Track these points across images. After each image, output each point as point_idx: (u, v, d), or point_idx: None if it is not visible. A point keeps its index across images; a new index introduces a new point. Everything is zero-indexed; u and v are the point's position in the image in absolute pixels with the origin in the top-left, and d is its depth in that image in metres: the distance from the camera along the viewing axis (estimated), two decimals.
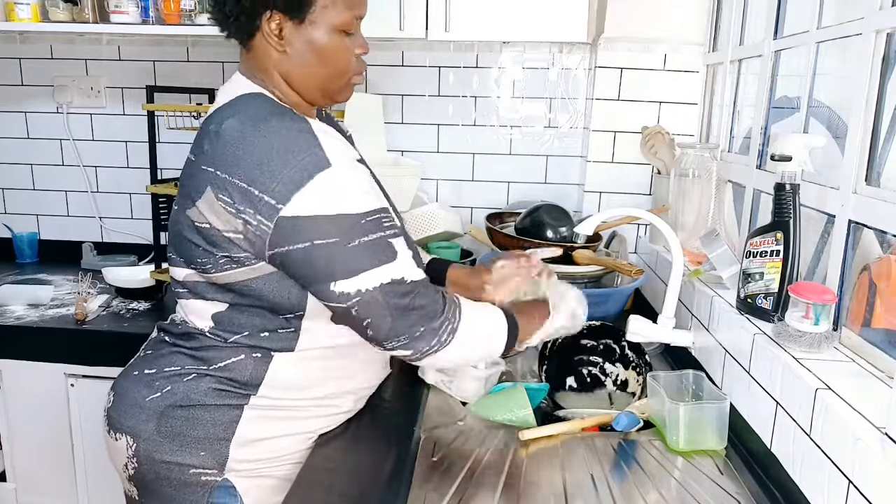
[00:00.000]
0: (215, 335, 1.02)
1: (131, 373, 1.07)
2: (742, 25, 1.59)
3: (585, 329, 1.36)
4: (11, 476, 1.84)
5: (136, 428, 1.01)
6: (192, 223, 0.96)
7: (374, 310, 0.94)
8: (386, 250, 0.95)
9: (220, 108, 0.99)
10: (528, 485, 0.99)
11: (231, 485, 1.01)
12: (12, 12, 1.85)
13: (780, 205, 1.08)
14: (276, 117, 0.94)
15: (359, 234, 0.92)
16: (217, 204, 0.92)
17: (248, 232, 0.92)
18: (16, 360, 1.76)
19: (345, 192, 0.92)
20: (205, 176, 0.94)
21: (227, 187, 0.91)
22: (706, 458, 1.07)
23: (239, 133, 0.93)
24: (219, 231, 0.93)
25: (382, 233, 0.95)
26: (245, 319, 1.01)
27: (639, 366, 1.29)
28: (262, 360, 1.01)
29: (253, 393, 1.01)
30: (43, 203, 2.32)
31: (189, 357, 1.03)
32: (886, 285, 0.95)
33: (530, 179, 2.14)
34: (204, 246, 0.96)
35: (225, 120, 0.95)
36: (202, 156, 0.96)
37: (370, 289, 0.93)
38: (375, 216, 0.95)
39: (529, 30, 1.77)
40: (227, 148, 0.92)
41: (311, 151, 0.91)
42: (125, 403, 1.03)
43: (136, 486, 1.03)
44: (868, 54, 1.00)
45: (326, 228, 0.90)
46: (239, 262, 0.95)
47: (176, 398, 1.00)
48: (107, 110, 2.23)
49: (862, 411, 0.80)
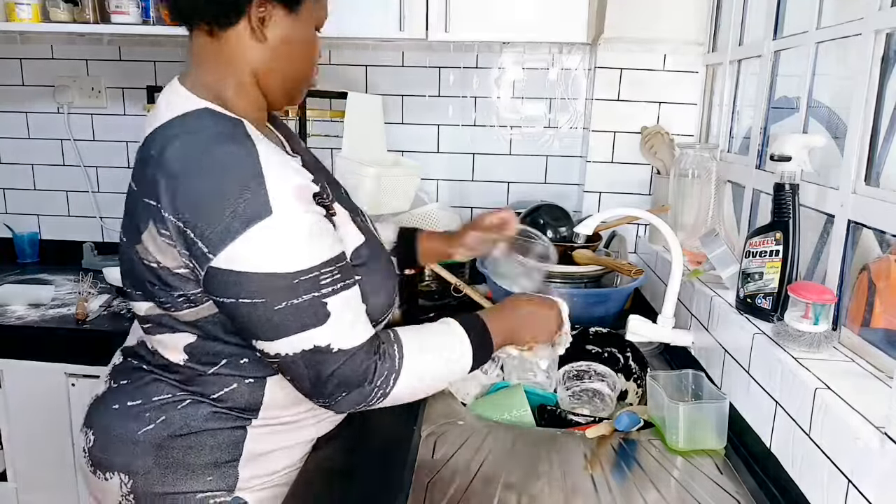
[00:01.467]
0: (193, 367, 0.95)
1: (109, 407, 0.98)
2: (742, 25, 1.59)
3: (592, 335, 1.36)
4: (11, 476, 1.84)
5: (130, 464, 0.94)
6: (141, 260, 0.89)
7: (294, 373, 0.88)
8: (316, 313, 0.85)
9: (162, 127, 0.88)
10: (527, 485, 0.99)
11: (243, 501, 0.97)
12: (13, 12, 1.85)
13: (780, 205, 1.09)
14: (221, 145, 0.84)
15: (289, 296, 0.83)
16: (160, 239, 0.85)
17: (190, 270, 0.86)
18: (16, 360, 1.76)
19: (281, 246, 0.83)
20: (147, 209, 0.86)
21: (166, 223, 0.84)
22: (706, 458, 1.07)
23: (179, 164, 0.83)
24: (168, 269, 0.87)
25: (316, 293, 0.85)
26: (220, 348, 0.94)
27: (640, 378, 1.28)
28: (256, 384, 0.96)
29: (254, 416, 0.97)
30: (44, 203, 2.33)
31: (176, 386, 0.96)
32: (886, 285, 0.95)
33: (530, 179, 2.14)
34: (158, 284, 0.89)
35: (168, 144, 0.85)
36: (143, 185, 0.87)
37: (290, 354, 0.86)
38: (313, 274, 0.85)
39: (529, 30, 1.77)
40: (167, 180, 0.84)
41: (253, 193, 0.81)
42: (112, 441, 0.96)
43: None
44: (868, 54, 1.00)
45: (254, 288, 0.82)
46: (195, 300, 0.89)
47: (173, 428, 0.94)
48: (107, 110, 2.24)
49: (861, 411, 0.80)
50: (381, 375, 0.91)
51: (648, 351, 1.45)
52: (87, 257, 2.24)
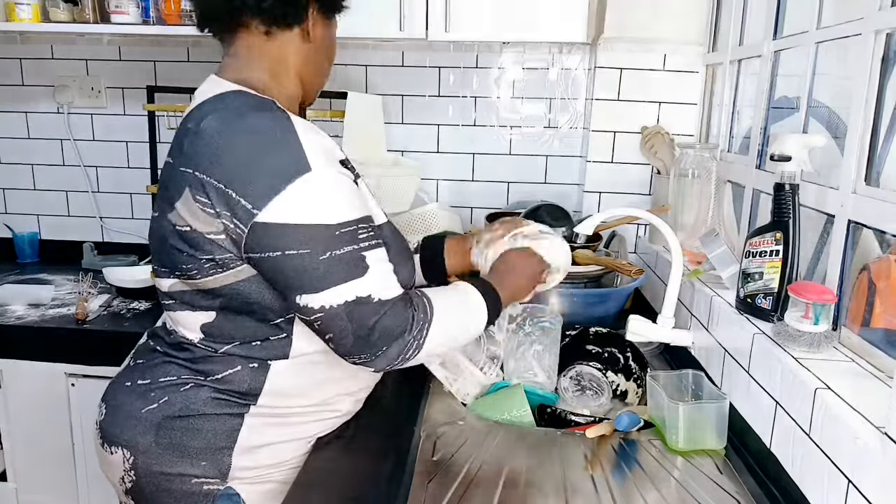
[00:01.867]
0: (206, 346, 1.00)
1: (123, 384, 1.04)
2: (742, 25, 1.59)
3: (592, 334, 1.36)
4: (11, 476, 1.84)
5: (133, 440, 0.99)
6: (173, 227, 0.94)
7: (337, 327, 0.91)
8: (357, 265, 0.91)
9: (198, 106, 0.97)
10: (528, 485, 0.99)
11: (234, 492, 1.00)
12: (13, 12, 1.85)
13: (780, 205, 1.09)
14: (257, 112, 0.92)
15: (331, 247, 0.89)
16: (195, 205, 0.90)
17: (227, 233, 0.90)
18: (16, 360, 1.76)
19: (322, 199, 0.90)
20: (183, 177, 0.92)
21: (204, 187, 0.89)
22: (706, 458, 1.07)
23: (217, 131, 0.90)
24: (200, 233, 0.91)
25: (356, 245, 0.91)
26: (235, 328, 0.98)
27: (640, 378, 1.28)
28: (259, 369, 1.00)
29: (253, 403, 1.00)
30: (43, 203, 2.33)
31: (184, 367, 1.01)
32: (886, 285, 0.95)
33: (530, 179, 2.14)
34: (187, 251, 0.93)
35: (204, 118, 0.93)
36: (180, 157, 0.94)
37: (334, 306, 0.90)
38: (351, 227, 0.91)
39: (529, 30, 1.77)
40: (205, 147, 0.90)
41: (291, 152, 0.89)
42: (119, 416, 1.01)
43: (134, 500, 1.01)
44: (868, 54, 1.00)
45: (299, 238, 0.88)
46: (223, 265, 0.93)
47: (174, 409, 0.98)
48: (107, 110, 2.23)
49: (861, 411, 0.80)
50: (417, 326, 0.96)
51: (648, 351, 1.45)
52: (87, 257, 2.24)
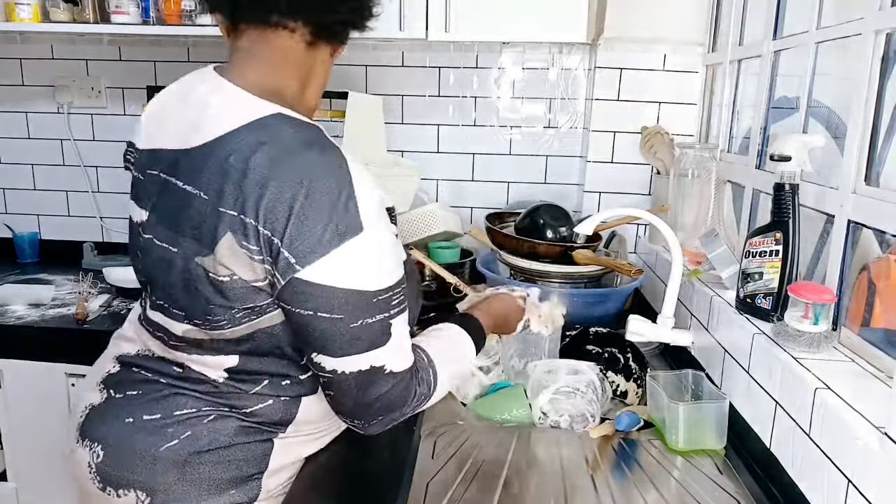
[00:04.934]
0: (231, 386, 0.93)
1: (119, 419, 0.93)
2: (741, 25, 1.59)
3: (592, 335, 1.36)
4: (12, 476, 1.84)
5: (150, 481, 0.90)
6: (205, 274, 0.84)
7: (341, 390, 0.87)
8: (383, 334, 0.85)
9: (235, 133, 0.83)
10: (528, 485, 0.99)
11: None
12: (13, 12, 1.85)
13: (780, 205, 1.09)
14: (309, 148, 0.82)
15: (364, 315, 0.83)
16: (241, 252, 0.81)
17: (269, 280, 0.84)
18: (16, 360, 1.76)
19: (368, 265, 0.83)
20: (224, 219, 0.81)
21: (247, 232, 0.80)
22: (706, 458, 1.07)
23: (268, 172, 0.80)
24: (245, 282, 0.83)
25: (387, 313, 0.85)
26: (262, 368, 0.92)
27: (640, 378, 1.28)
28: (291, 401, 0.95)
29: (282, 430, 0.96)
30: (44, 203, 2.33)
31: (202, 400, 0.93)
32: (885, 285, 0.95)
33: (530, 179, 2.14)
34: (221, 302, 0.85)
35: (251, 153, 0.81)
36: (221, 196, 0.82)
37: (346, 372, 0.85)
38: (388, 294, 0.85)
39: (529, 30, 1.77)
40: (255, 189, 0.80)
41: (344, 207, 0.80)
42: (127, 456, 0.91)
43: None
44: (867, 54, 1.00)
45: (335, 303, 0.81)
46: (260, 312, 0.87)
47: (200, 443, 0.90)
48: (107, 110, 2.23)
49: (861, 411, 0.80)
50: (418, 399, 0.92)
51: (648, 351, 1.45)
52: (87, 257, 2.24)
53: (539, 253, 1.59)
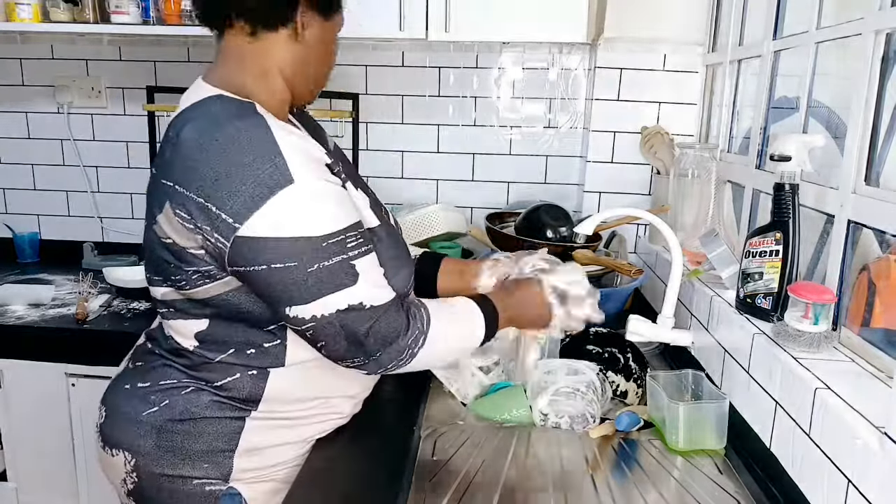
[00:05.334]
0: (201, 354, 0.99)
1: (122, 386, 1.03)
2: (741, 25, 1.59)
3: (592, 335, 1.36)
4: (12, 476, 1.84)
5: (134, 444, 0.98)
6: (158, 239, 0.92)
7: (329, 335, 0.91)
8: (347, 274, 0.89)
9: (180, 114, 0.95)
10: (528, 485, 0.99)
11: (237, 492, 1.00)
12: (13, 12, 1.85)
13: (780, 205, 1.09)
14: (235, 120, 0.89)
15: (319, 259, 0.87)
16: (175, 220, 0.89)
17: (208, 248, 0.89)
18: (16, 360, 1.76)
19: (307, 211, 0.87)
20: (164, 190, 0.90)
21: (184, 202, 0.87)
22: (706, 458, 1.07)
23: (195, 143, 0.88)
24: (182, 248, 0.90)
25: (345, 255, 0.89)
26: (228, 336, 0.97)
27: (640, 378, 1.28)
28: (258, 377, 0.99)
29: (253, 408, 1.00)
30: (44, 203, 2.33)
31: (182, 372, 1.00)
32: (885, 285, 0.95)
33: (530, 179, 2.14)
34: (174, 262, 0.92)
35: (184, 126, 0.91)
36: (162, 167, 0.92)
37: (325, 315, 0.89)
38: (339, 237, 0.89)
39: (529, 30, 1.77)
40: (184, 160, 0.88)
41: (271, 164, 0.85)
42: (119, 419, 1.01)
43: (135, 501, 1.01)
44: (868, 54, 1.00)
45: (284, 252, 0.86)
46: (210, 276, 0.92)
47: (175, 412, 0.98)
48: (107, 110, 2.23)
49: (861, 411, 0.80)
50: (412, 334, 0.95)
51: (648, 351, 1.45)
52: (87, 257, 2.24)
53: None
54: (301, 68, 1.00)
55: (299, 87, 1.02)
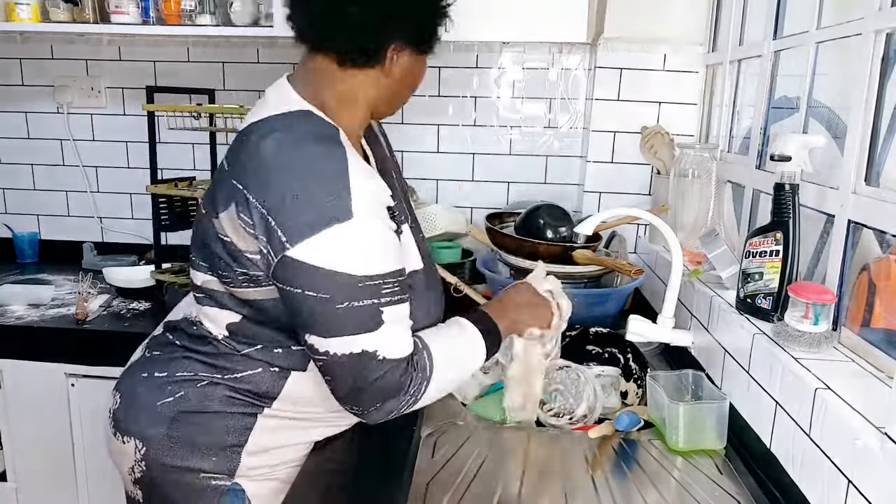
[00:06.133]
0: (229, 344, 1.00)
1: (139, 374, 1.04)
2: (742, 25, 1.59)
3: (592, 335, 1.36)
4: (11, 476, 1.84)
5: (146, 432, 0.99)
6: (216, 233, 0.94)
7: (336, 374, 0.91)
8: (372, 319, 0.89)
9: (265, 120, 0.95)
10: (527, 485, 0.99)
11: (241, 488, 1.00)
12: (13, 12, 1.85)
13: (780, 205, 1.09)
14: (317, 144, 0.90)
15: (351, 298, 0.88)
16: (238, 222, 0.91)
17: (262, 255, 0.91)
18: (16, 360, 1.75)
19: (355, 250, 0.88)
20: (233, 191, 0.91)
21: (249, 209, 0.89)
22: (706, 458, 1.07)
23: (274, 158, 0.89)
24: (239, 249, 0.92)
25: (377, 300, 0.89)
26: (259, 332, 0.99)
27: (640, 378, 1.28)
28: (279, 375, 1.00)
29: (268, 405, 1.00)
30: (43, 203, 2.32)
31: (202, 364, 1.01)
32: (886, 285, 0.95)
33: (530, 179, 2.14)
34: (226, 259, 0.94)
35: (268, 134, 0.92)
36: (236, 167, 0.93)
37: (339, 354, 0.89)
38: (377, 282, 0.89)
39: (529, 30, 1.77)
40: (258, 170, 0.90)
41: (337, 195, 0.87)
42: (134, 406, 1.01)
43: (141, 490, 1.02)
44: (868, 54, 1.00)
45: (322, 283, 0.87)
46: (256, 281, 0.94)
47: (189, 404, 0.99)
48: (107, 110, 2.23)
49: (861, 411, 0.80)
50: (415, 385, 0.94)
51: (648, 351, 1.45)
52: (87, 257, 2.24)
53: (539, 253, 1.59)
54: (387, 98, 1.02)
55: (382, 112, 1.05)
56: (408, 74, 1.01)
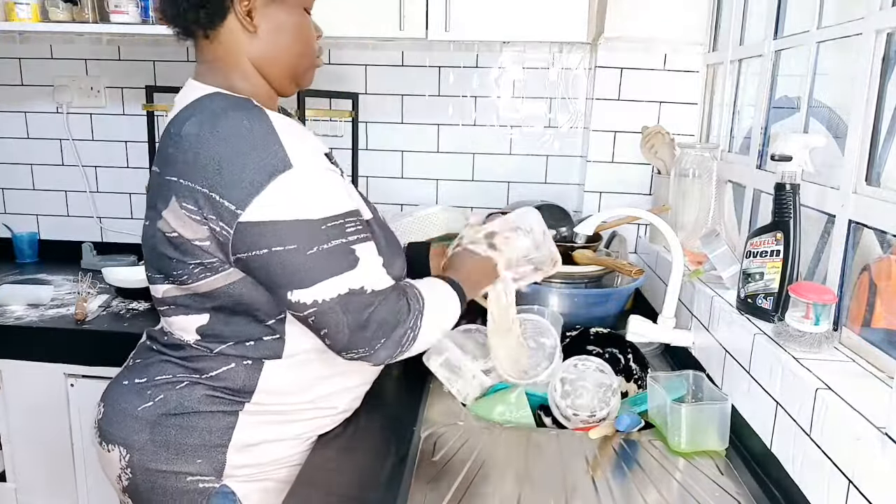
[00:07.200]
0: (201, 346, 1.01)
1: (121, 382, 1.05)
2: (742, 25, 1.59)
3: (592, 335, 1.36)
4: (11, 476, 1.84)
5: (128, 438, 0.99)
6: (162, 234, 0.94)
7: (332, 321, 0.91)
8: (347, 258, 0.91)
9: (179, 113, 0.96)
10: (528, 485, 0.98)
11: (230, 490, 1.00)
12: (12, 12, 1.85)
13: (781, 205, 1.08)
14: (233, 112, 0.91)
15: (318, 241, 0.89)
16: (182, 212, 0.91)
17: (214, 238, 0.91)
18: (16, 360, 1.76)
19: (306, 195, 0.89)
20: (169, 185, 0.92)
21: (190, 194, 0.89)
22: (706, 459, 1.07)
23: (196, 136, 0.90)
24: (187, 240, 0.92)
25: (344, 239, 0.91)
26: (229, 330, 0.99)
27: (641, 379, 1.28)
28: (252, 367, 1.00)
29: (247, 400, 1.01)
30: (43, 203, 2.32)
31: (179, 366, 1.01)
32: (886, 285, 0.95)
33: (530, 179, 2.14)
34: (177, 256, 0.94)
35: (185, 121, 0.92)
36: (165, 165, 0.94)
37: (326, 299, 0.90)
38: (338, 221, 0.91)
39: (529, 30, 1.77)
40: (186, 153, 0.90)
41: (270, 150, 0.88)
42: (116, 414, 1.02)
43: (131, 498, 1.01)
44: (868, 54, 1.00)
45: (284, 235, 0.88)
46: (212, 268, 0.94)
47: (169, 406, 0.99)
48: (106, 110, 2.23)
49: (862, 411, 0.80)
50: (413, 316, 0.96)
51: (649, 351, 1.45)
52: (87, 257, 2.24)
53: None
54: (269, 57, 1.00)
55: (276, 81, 1.03)
56: (276, 29, 0.99)
